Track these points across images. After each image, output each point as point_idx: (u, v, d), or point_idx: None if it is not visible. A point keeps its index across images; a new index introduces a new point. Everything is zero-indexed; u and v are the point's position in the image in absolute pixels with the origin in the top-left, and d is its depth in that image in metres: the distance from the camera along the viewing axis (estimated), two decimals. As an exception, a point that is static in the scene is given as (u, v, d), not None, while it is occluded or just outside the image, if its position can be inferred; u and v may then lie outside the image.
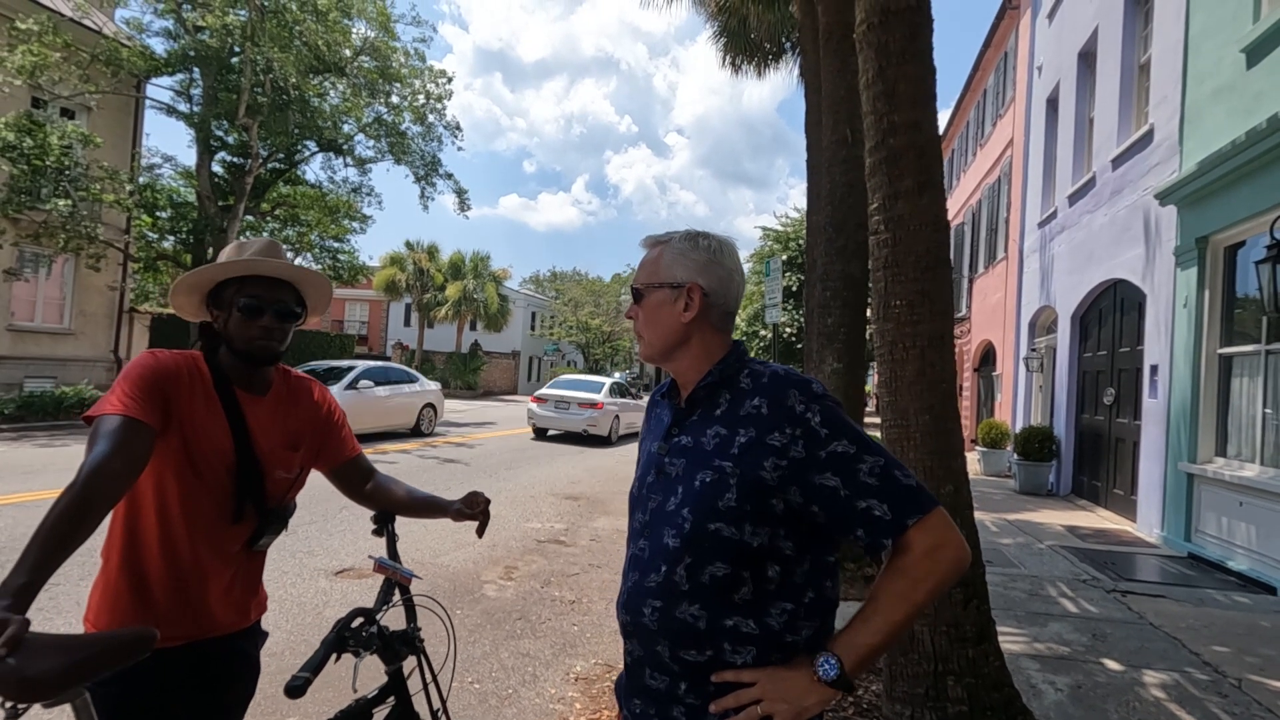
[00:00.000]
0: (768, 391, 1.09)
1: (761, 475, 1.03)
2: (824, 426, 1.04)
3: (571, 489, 8.60)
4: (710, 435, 1.10)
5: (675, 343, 1.18)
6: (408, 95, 17.84)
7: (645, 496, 1.16)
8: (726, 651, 1.04)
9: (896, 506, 1.01)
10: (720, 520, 1.04)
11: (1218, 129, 5.97)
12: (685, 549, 1.06)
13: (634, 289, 1.22)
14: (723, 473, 1.05)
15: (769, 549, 1.05)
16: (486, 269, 32.17)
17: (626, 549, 1.21)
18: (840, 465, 1.02)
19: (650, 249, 1.23)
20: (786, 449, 1.03)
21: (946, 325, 2.82)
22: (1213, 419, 6.19)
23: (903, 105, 2.80)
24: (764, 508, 1.04)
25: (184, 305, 1.55)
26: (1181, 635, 4.11)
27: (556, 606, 4.41)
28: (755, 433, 1.06)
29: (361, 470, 1.77)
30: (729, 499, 1.04)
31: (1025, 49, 12.78)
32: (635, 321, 1.22)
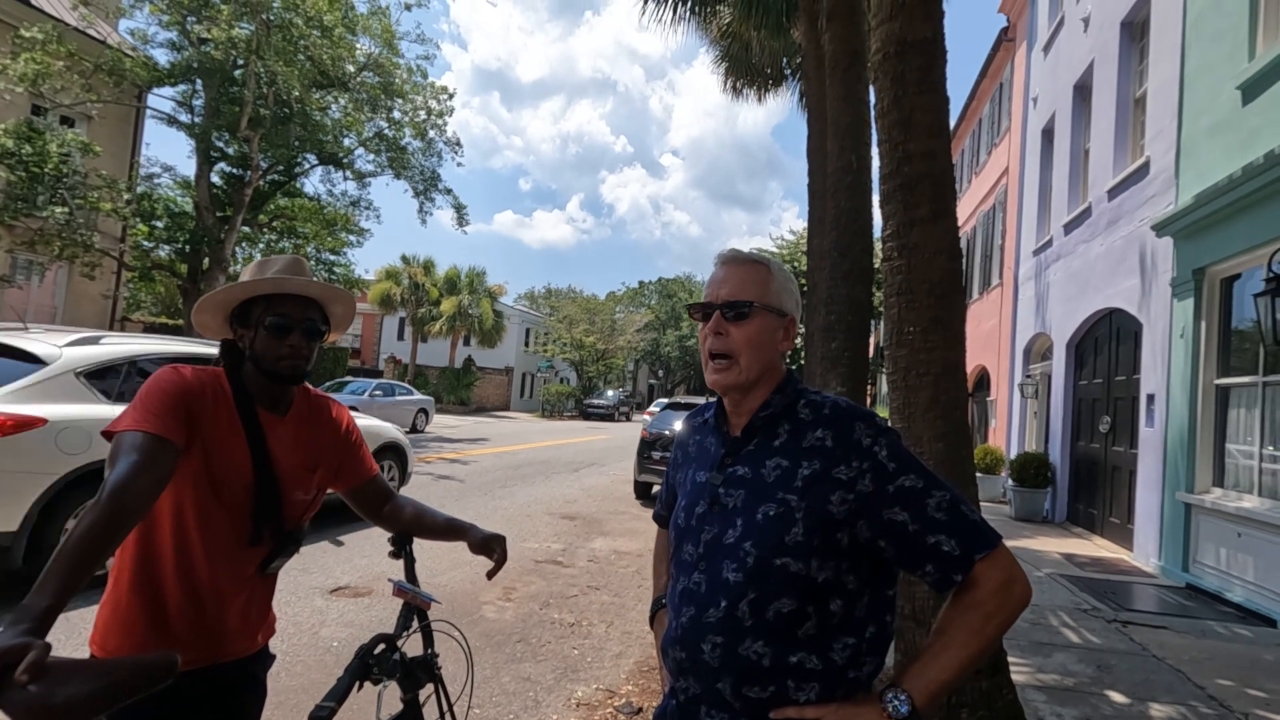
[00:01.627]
0: (832, 424, 1.07)
1: (829, 509, 1.02)
2: (891, 460, 1.03)
3: (568, 509, 8.53)
4: (771, 467, 1.08)
5: (766, 371, 1.15)
6: (409, 111, 17.95)
7: (697, 528, 1.13)
8: (790, 688, 1.02)
9: (965, 542, 1.01)
10: (787, 555, 1.02)
11: (1214, 163, 6.07)
12: (749, 584, 1.03)
13: (737, 303, 1.12)
14: (788, 506, 1.04)
15: (834, 583, 1.03)
16: (482, 284, 32.18)
17: (673, 581, 1.17)
18: (909, 500, 1.01)
19: (748, 266, 1.17)
20: (854, 482, 1.02)
21: (959, 353, 2.82)
22: (1210, 449, 6.22)
23: (918, 134, 2.83)
24: (830, 542, 1.02)
25: (207, 324, 1.52)
26: (1185, 668, 4.08)
27: (556, 629, 4.34)
28: (820, 465, 1.04)
29: (380, 491, 1.74)
30: (795, 534, 1.02)
31: (1021, 80, 13.01)
32: (719, 339, 1.13)
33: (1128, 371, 8.02)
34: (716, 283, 1.17)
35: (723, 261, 1.20)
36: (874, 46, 3.01)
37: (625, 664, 3.89)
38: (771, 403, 1.13)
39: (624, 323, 43.61)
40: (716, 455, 1.17)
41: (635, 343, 43.34)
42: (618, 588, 5.35)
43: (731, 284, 1.15)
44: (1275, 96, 5.38)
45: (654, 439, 9.45)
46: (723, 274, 1.17)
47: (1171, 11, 7.14)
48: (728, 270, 1.17)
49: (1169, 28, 7.18)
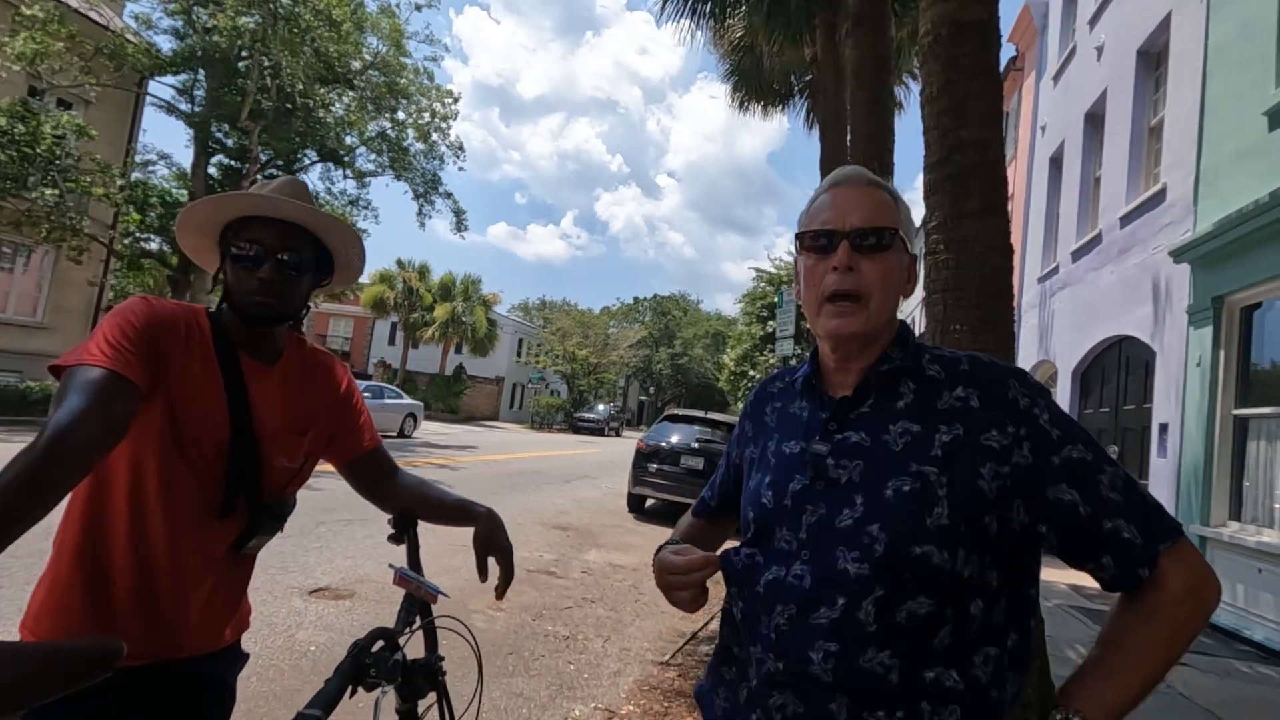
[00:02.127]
0: (975, 381, 0.89)
1: (979, 485, 0.82)
2: (1055, 426, 0.85)
3: (560, 519, 8.24)
4: (898, 432, 0.88)
5: (893, 317, 0.95)
6: (413, 112, 17.82)
7: (794, 509, 0.90)
8: (925, 713, 0.80)
9: (1148, 529, 0.81)
10: (930, 542, 0.81)
11: (1238, 190, 5.96)
12: (877, 578, 0.82)
13: (877, 230, 0.91)
14: (926, 481, 0.83)
15: (977, 580, 0.82)
16: (477, 292, 31.95)
17: (751, 570, 0.93)
18: (1080, 475, 0.83)
19: (879, 190, 0.96)
20: (1009, 452, 0.83)
21: (1011, 357, 2.62)
22: (1226, 481, 6.05)
23: (973, 121, 2.66)
24: (979, 528, 0.82)
25: (193, 246, 1.29)
26: (1216, 709, 3.86)
27: (550, 642, 4.07)
28: (964, 430, 0.85)
29: (381, 465, 1.50)
30: (940, 515, 0.81)
31: (1029, 109, 13.05)
32: (848, 276, 0.91)
33: (1137, 401, 7.87)
34: (841, 207, 0.94)
35: (846, 182, 0.97)
36: (923, 30, 2.85)
37: (624, 682, 3.62)
38: (892, 356, 0.93)
39: (617, 338, 43.42)
40: (815, 421, 0.95)
41: (628, 358, 43.11)
42: (614, 601, 5.08)
43: (866, 208, 0.93)
44: (1305, 123, 5.29)
45: (651, 450, 9.20)
46: (851, 196, 0.95)
47: (1193, 39, 7.10)
48: (857, 193, 0.95)
49: (1190, 55, 7.13)
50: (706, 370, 52.09)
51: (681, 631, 4.52)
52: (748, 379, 26.68)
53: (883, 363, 0.93)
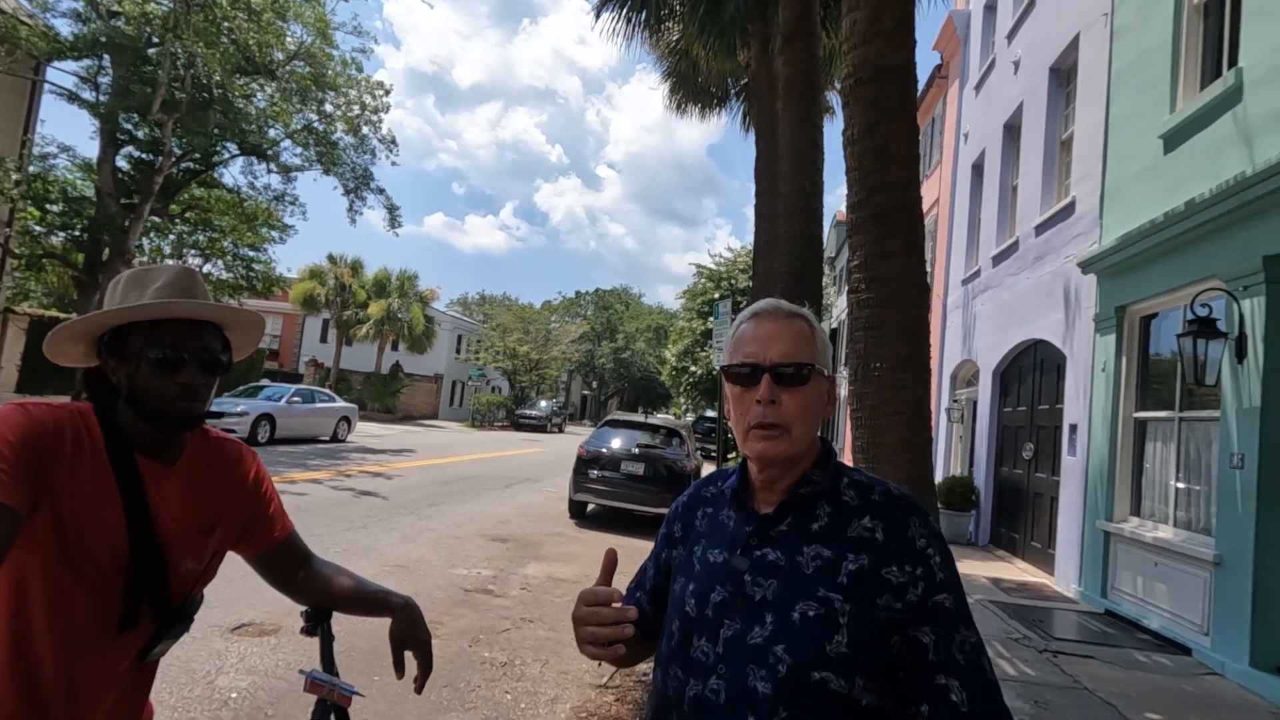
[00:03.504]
0: (883, 514, 0.93)
1: (877, 616, 0.85)
2: (941, 571, 0.89)
3: (500, 529, 8.14)
4: (810, 555, 0.91)
5: (814, 439, 0.99)
6: (342, 105, 17.15)
7: (714, 620, 0.93)
8: None
9: (976, 700, 0.83)
10: (829, 669, 0.84)
11: (1138, 207, 6.37)
12: (780, 699, 0.84)
13: (795, 366, 0.95)
14: (831, 607, 0.86)
15: (877, 709, 0.84)
16: (413, 288, 31.12)
17: (675, 679, 0.96)
18: (941, 622, 0.86)
19: (797, 322, 1.00)
20: (905, 589, 0.87)
21: (927, 392, 2.73)
22: (1128, 479, 6.49)
23: (894, 163, 2.74)
24: (876, 658, 0.85)
25: (67, 354, 1.20)
26: (1117, 701, 4.15)
27: (487, 670, 4.02)
28: (869, 561, 0.88)
29: (293, 555, 1.43)
30: (840, 642, 0.84)
31: (952, 116, 13.57)
32: (771, 409, 0.95)
33: (1050, 401, 8.34)
34: (761, 340, 0.98)
35: (762, 315, 1.01)
36: (845, 71, 2.91)
37: (561, 709, 3.62)
38: (812, 478, 0.97)
39: (559, 333, 43.13)
40: (739, 534, 0.98)
41: (570, 353, 42.89)
42: (553, 620, 5.06)
43: (785, 342, 0.97)
44: (1196, 147, 5.68)
45: (592, 457, 9.19)
46: (771, 329, 0.99)
47: (1098, 61, 7.53)
48: (777, 326, 0.99)
49: (1096, 76, 7.55)
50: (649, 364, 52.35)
51: (620, 650, 4.54)
52: (689, 374, 26.99)
53: (803, 484, 0.97)
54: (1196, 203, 5.33)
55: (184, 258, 18.63)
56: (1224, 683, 4.66)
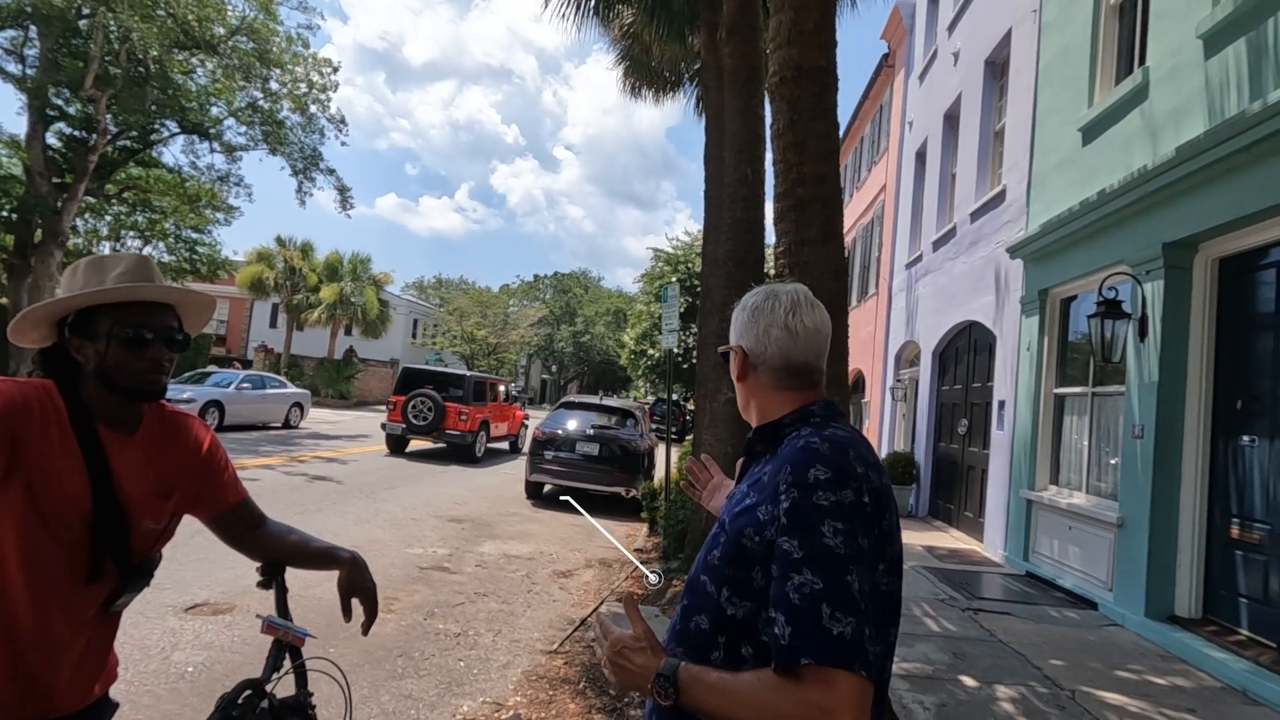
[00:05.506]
0: (779, 462, 1.04)
1: (744, 542, 1.01)
2: (787, 515, 0.96)
3: (456, 510, 8.26)
4: (739, 490, 1.14)
5: (744, 403, 1.22)
6: (288, 82, 16.68)
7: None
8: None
9: (796, 636, 0.88)
10: (707, 574, 1.06)
11: (1059, 196, 6.78)
12: (686, 590, 1.11)
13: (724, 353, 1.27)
14: (722, 528, 1.08)
15: (744, 624, 0.99)
16: (366, 271, 30.55)
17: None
18: (780, 562, 0.94)
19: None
20: (764, 527, 0.99)
21: (843, 368, 2.98)
22: (1049, 451, 6.96)
23: (812, 158, 2.96)
24: (744, 577, 0.99)
25: (30, 335, 1.33)
26: (1026, 651, 4.55)
27: (441, 641, 4.19)
28: (754, 500, 1.04)
29: (247, 517, 1.58)
30: (715, 555, 1.06)
31: (899, 105, 13.97)
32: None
33: (982, 379, 8.82)
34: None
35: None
36: (771, 69, 3.11)
37: (513, 674, 3.82)
38: (754, 431, 1.19)
39: (517, 317, 42.87)
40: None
41: (528, 337, 42.72)
42: (506, 594, 5.24)
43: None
44: (1109, 140, 6.09)
45: (547, 438, 9.35)
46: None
47: (1027, 56, 7.91)
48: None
49: (1025, 70, 7.95)
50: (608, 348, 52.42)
51: (571, 619, 4.76)
52: (647, 358, 27.22)
53: (750, 436, 1.20)
54: (1107, 193, 5.73)
55: (122, 240, 17.97)
56: (1123, 633, 5.13)
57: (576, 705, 3.43)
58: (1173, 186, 5.02)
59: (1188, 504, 5.03)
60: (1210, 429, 5.01)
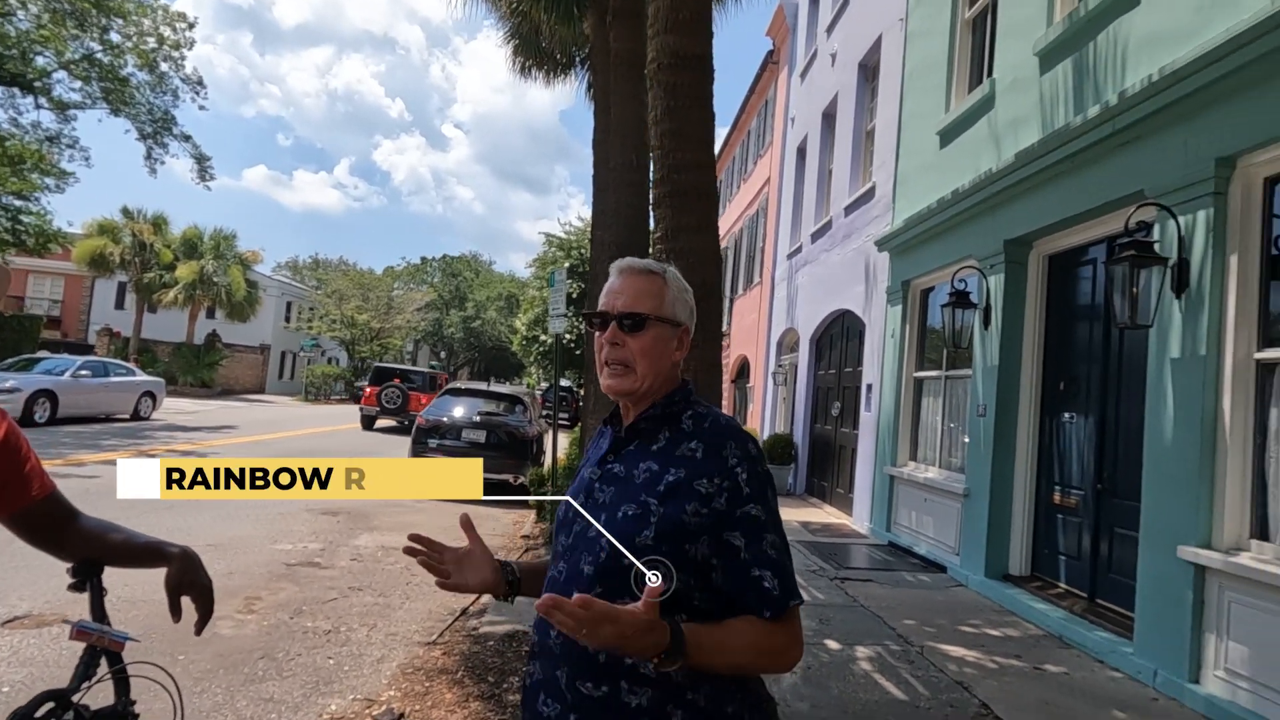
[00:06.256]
0: (707, 437, 1.11)
1: (683, 519, 1.04)
2: (748, 485, 1.06)
3: (332, 504, 7.82)
4: (642, 469, 1.12)
5: (661, 379, 1.18)
6: (134, 35, 14.95)
7: (571, 520, 1.16)
8: (623, 690, 1.02)
9: (784, 586, 1.04)
10: (634, 556, 1.04)
11: (920, 194, 7.33)
12: (598, 578, 1.06)
13: (633, 315, 1.15)
14: (647, 509, 1.06)
15: (680, 596, 1.03)
16: (231, 249, 28.12)
17: (549, 569, 1.20)
18: (750, 528, 1.04)
19: (645, 277, 1.19)
20: (711, 498, 1.05)
21: (718, 353, 3.08)
22: (909, 430, 7.55)
23: (689, 146, 3.01)
24: (680, 553, 1.03)
25: None
26: (883, 614, 4.93)
27: (309, 639, 3.97)
28: (685, 474, 1.07)
29: (54, 514, 1.41)
30: (646, 536, 1.04)
31: (782, 100, 14.54)
32: (615, 349, 1.15)
33: (853, 364, 9.42)
34: (614, 292, 1.18)
35: (619, 271, 1.21)
36: (650, 56, 3.14)
37: (388, 668, 3.68)
38: (655, 407, 1.17)
39: (402, 300, 41.02)
40: (604, 452, 1.21)
41: (415, 322, 41.01)
42: (383, 587, 5.05)
43: (628, 295, 1.17)
44: (962, 144, 6.63)
45: (431, 426, 9.05)
46: (620, 284, 1.19)
47: (895, 62, 8.46)
48: (625, 280, 1.19)
49: (893, 75, 8.49)
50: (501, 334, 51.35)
51: (452, 609, 4.65)
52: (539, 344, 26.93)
53: (648, 411, 1.17)
54: (959, 193, 6.25)
55: (-77, 204, 15.50)
56: (967, 592, 5.68)
57: (454, 694, 3.37)
58: (1012, 189, 5.56)
59: (1020, 475, 5.63)
60: (1040, 408, 5.63)
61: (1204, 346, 3.71)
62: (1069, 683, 3.88)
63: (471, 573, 1.23)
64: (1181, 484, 3.75)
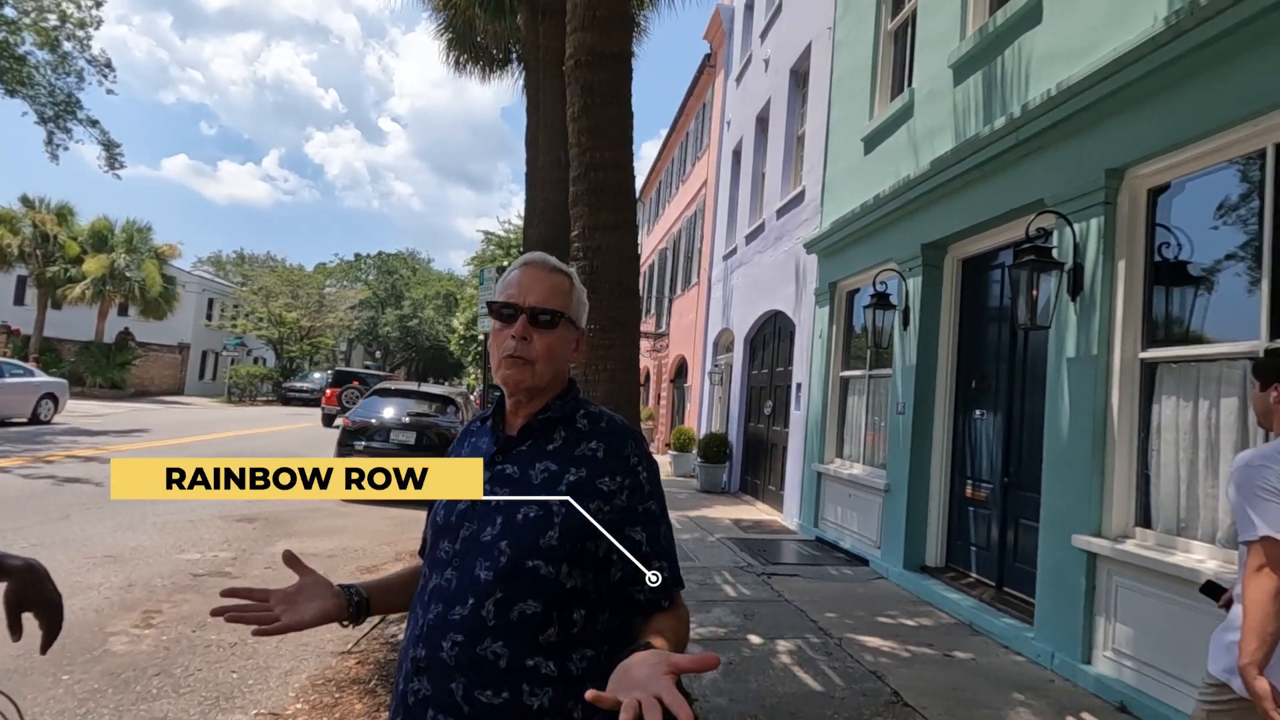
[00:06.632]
0: (606, 437, 1.14)
1: (586, 518, 1.06)
2: (649, 483, 1.13)
3: (249, 508, 7.48)
4: (539, 470, 1.10)
5: (556, 378, 1.17)
6: (32, 11, 13.93)
7: (456, 525, 1.11)
8: (524, 693, 1.01)
9: (673, 572, 1.12)
10: (539, 557, 1.04)
11: (846, 198, 7.53)
12: (498, 583, 1.03)
13: (547, 311, 1.13)
14: (549, 509, 1.06)
15: (580, 592, 1.06)
16: (146, 242, 26.58)
17: (425, 579, 1.14)
18: (650, 523, 1.11)
19: (557, 276, 1.18)
20: (614, 495, 1.08)
21: (635, 353, 3.08)
22: (835, 427, 7.76)
23: (606, 144, 3.00)
24: (583, 551, 1.06)
25: None
26: (806, 607, 5.05)
27: (211, 653, 3.77)
28: (586, 474, 1.09)
29: None
30: (551, 537, 1.04)
31: (719, 104, 14.73)
32: (523, 344, 1.12)
33: (785, 364, 9.62)
34: (523, 286, 1.15)
35: (528, 264, 1.19)
36: (568, 52, 3.11)
37: (296, 680, 3.54)
38: (552, 407, 1.16)
39: (335, 298, 39.64)
40: (489, 453, 1.17)
41: (348, 321, 39.69)
42: (299, 596, 4.84)
43: (541, 291, 1.15)
44: (885, 151, 6.86)
45: (358, 428, 8.76)
46: (529, 278, 1.16)
47: (824, 69, 8.68)
48: (535, 275, 1.17)
49: (821, 82, 8.71)
50: (439, 333, 50.26)
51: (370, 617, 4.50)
52: (477, 343, 26.49)
53: (543, 412, 1.15)
54: (881, 198, 6.46)
55: None
56: (887, 584, 5.88)
57: (364, 705, 3.26)
58: (929, 195, 5.78)
59: (936, 469, 5.86)
60: (954, 405, 5.87)
61: (1096, 346, 3.94)
62: (975, 668, 4.06)
63: (306, 606, 1.15)
64: (1076, 476, 3.97)
